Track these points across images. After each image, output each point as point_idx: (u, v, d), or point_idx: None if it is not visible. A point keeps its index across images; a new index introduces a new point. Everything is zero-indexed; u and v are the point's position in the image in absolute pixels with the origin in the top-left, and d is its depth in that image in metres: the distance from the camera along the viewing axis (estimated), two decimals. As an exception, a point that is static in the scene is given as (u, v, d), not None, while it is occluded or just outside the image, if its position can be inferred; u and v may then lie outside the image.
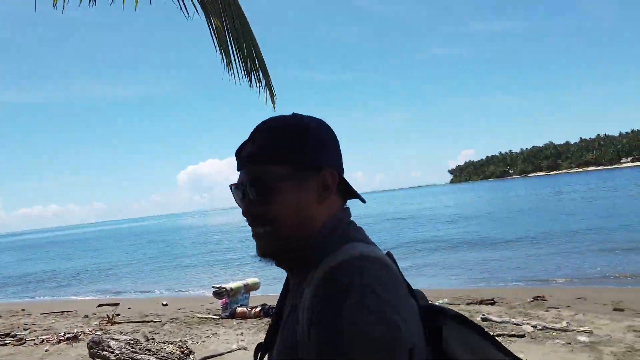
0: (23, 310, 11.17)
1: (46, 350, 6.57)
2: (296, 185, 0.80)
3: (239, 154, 0.86)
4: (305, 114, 0.87)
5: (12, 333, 7.97)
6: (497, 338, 0.91)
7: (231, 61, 2.52)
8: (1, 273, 26.08)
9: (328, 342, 0.67)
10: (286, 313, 0.83)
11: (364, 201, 0.91)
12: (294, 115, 0.86)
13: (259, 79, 2.66)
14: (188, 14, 2.30)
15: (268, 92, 2.76)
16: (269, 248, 0.83)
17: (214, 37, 2.46)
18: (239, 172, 0.86)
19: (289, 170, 0.80)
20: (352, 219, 0.87)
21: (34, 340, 7.30)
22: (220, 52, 2.48)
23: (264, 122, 0.86)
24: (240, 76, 2.58)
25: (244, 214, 0.84)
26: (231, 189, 0.87)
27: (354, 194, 0.89)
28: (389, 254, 0.81)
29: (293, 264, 0.85)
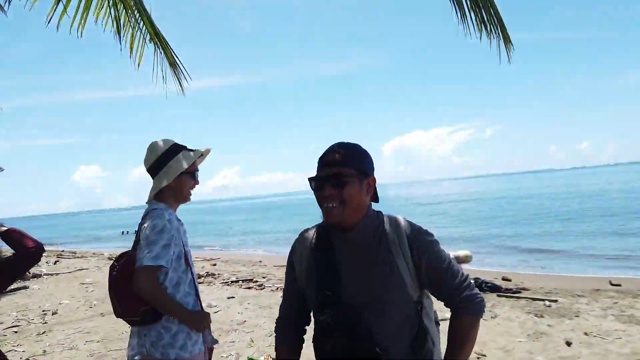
0: (260, 261, 13.28)
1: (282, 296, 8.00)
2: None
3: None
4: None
5: (254, 279, 9.30)
6: None
7: (465, 13, 2.51)
8: (239, 230, 31.69)
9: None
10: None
11: (377, 201, 1.47)
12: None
13: (493, 30, 2.54)
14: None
15: (502, 42, 2.58)
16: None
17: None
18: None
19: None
20: None
21: (270, 287, 8.34)
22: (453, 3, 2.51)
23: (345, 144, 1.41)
24: (474, 29, 2.52)
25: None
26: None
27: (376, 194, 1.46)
28: None
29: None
